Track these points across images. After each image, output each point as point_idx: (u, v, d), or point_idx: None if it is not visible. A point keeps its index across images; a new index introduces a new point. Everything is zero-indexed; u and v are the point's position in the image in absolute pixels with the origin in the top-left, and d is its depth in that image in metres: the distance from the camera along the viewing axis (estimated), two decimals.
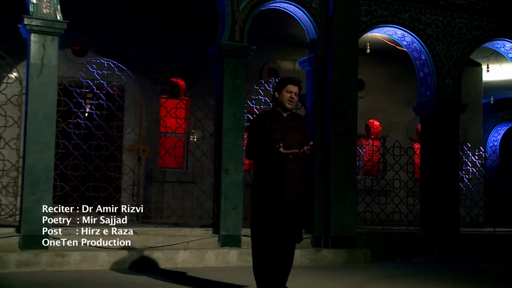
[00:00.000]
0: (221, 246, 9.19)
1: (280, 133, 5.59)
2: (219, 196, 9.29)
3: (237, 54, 9.48)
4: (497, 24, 11.51)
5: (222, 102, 9.39)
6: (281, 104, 5.69)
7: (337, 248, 9.55)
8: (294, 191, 5.57)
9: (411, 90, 14.93)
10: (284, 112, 5.72)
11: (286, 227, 5.53)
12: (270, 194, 5.53)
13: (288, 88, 5.66)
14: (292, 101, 5.69)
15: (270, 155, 5.53)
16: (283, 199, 5.51)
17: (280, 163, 5.51)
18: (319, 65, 9.93)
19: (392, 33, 11.11)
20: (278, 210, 5.51)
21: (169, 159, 10.08)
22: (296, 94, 5.69)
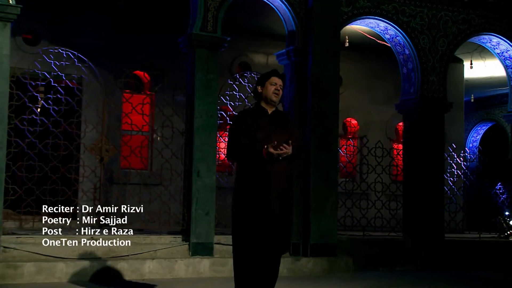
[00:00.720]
0: (191, 255, 8.67)
1: (265, 132, 5.13)
2: (190, 201, 8.78)
3: (210, 46, 8.96)
4: (484, 18, 11.23)
5: (193, 98, 8.86)
6: (266, 98, 5.22)
7: (317, 257, 9.11)
8: (280, 196, 5.11)
9: (390, 87, 14.65)
10: (269, 109, 5.25)
11: (272, 236, 5.05)
12: (254, 199, 5.06)
13: (272, 80, 5.22)
14: (278, 94, 5.22)
15: (254, 155, 5.06)
16: (269, 204, 5.04)
17: (265, 164, 5.05)
18: (298, 58, 9.47)
19: (375, 25, 10.71)
20: (263, 217, 5.03)
21: (133, 159, 9.51)
22: (281, 86, 5.24)
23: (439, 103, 10.72)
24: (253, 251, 5.06)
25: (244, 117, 5.23)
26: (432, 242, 10.45)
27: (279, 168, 5.08)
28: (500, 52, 11.75)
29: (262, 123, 5.16)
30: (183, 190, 8.99)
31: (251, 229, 5.05)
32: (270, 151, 4.96)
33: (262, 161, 5.03)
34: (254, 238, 5.04)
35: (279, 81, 5.22)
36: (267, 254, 5.08)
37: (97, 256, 8.19)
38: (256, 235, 5.03)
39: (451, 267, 10.37)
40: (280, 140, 5.12)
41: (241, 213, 5.14)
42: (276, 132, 5.15)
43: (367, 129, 14.44)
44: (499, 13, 11.32)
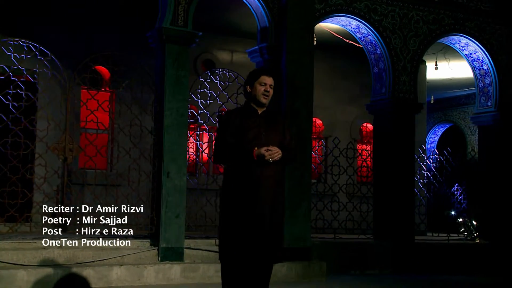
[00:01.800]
0: (161, 260, 8.36)
1: (254, 133, 4.90)
2: (159, 203, 8.47)
3: (181, 41, 8.67)
4: (454, 18, 11.28)
5: (163, 95, 8.55)
6: (255, 99, 4.98)
7: (291, 261, 8.91)
8: (271, 200, 4.89)
9: (355, 87, 14.63)
10: (259, 109, 5.02)
11: (262, 243, 4.82)
12: (243, 204, 4.82)
13: (262, 79, 4.95)
14: (268, 95, 4.98)
15: (244, 157, 4.83)
16: (259, 210, 4.81)
17: (255, 167, 4.82)
18: (272, 56, 9.27)
19: (347, 23, 10.61)
20: (252, 223, 4.80)
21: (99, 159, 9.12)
22: (271, 86, 5.00)
23: (410, 104, 10.70)
24: (242, 259, 4.83)
25: (233, 117, 4.98)
26: (402, 245, 10.42)
27: (269, 171, 4.87)
28: (468, 53, 11.83)
29: (252, 123, 4.93)
30: (152, 192, 8.67)
31: (240, 236, 4.80)
32: (261, 153, 4.74)
33: (252, 164, 4.81)
34: (243, 245, 4.80)
35: (269, 80, 4.98)
36: (257, 263, 4.85)
37: (60, 262, 7.80)
38: (245, 242, 4.79)
39: (422, 271, 10.37)
40: (272, 141, 4.91)
41: (229, 218, 4.89)
42: (267, 133, 4.93)
43: (332, 129, 14.35)
44: (468, 14, 11.40)
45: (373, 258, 10.19)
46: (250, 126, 4.89)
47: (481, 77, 11.88)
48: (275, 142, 4.90)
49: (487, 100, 11.83)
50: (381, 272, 10.11)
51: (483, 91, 11.89)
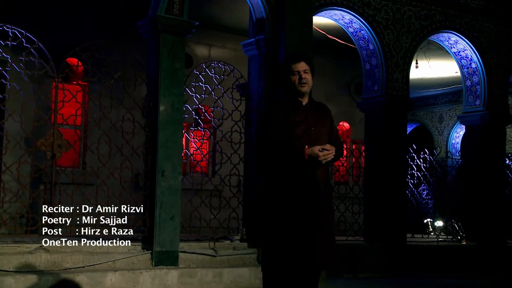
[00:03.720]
0: (154, 265, 8.00)
1: (302, 128, 4.57)
2: (153, 204, 8.09)
3: (177, 31, 8.32)
4: (445, 15, 11.28)
5: (158, 89, 8.19)
6: (295, 91, 4.64)
7: None
8: (325, 204, 4.61)
9: (332, 84, 14.53)
10: (303, 99, 4.69)
11: (319, 250, 4.55)
12: (296, 210, 4.49)
13: (292, 69, 4.56)
14: (305, 82, 4.57)
15: (294, 157, 4.50)
16: (315, 215, 4.52)
17: (307, 168, 4.50)
18: (269, 49, 9.00)
19: (340, 17, 10.46)
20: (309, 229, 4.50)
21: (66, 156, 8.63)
22: (306, 71, 4.57)
23: (403, 102, 10.63)
24: (295, 267, 4.53)
25: (277, 112, 4.64)
26: (394, 247, 10.33)
27: (321, 172, 4.57)
28: (457, 51, 11.86)
29: (298, 117, 4.59)
30: (144, 192, 8.28)
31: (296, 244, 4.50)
32: (315, 153, 4.43)
33: (303, 164, 4.50)
34: (299, 253, 4.50)
35: (300, 66, 4.55)
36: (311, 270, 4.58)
37: (49, 268, 7.38)
38: (302, 250, 4.50)
39: (414, 273, 10.31)
40: (321, 137, 4.62)
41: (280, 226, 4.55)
42: (315, 127, 4.61)
43: None
44: (459, 10, 11.42)
45: (366, 260, 10.08)
46: (297, 120, 4.55)
47: (469, 76, 11.92)
48: (324, 138, 4.59)
49: (475, 99, 11.89)
50: (374, 275, 10.00)
51: (471, 90, 11.94)
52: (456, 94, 19.34)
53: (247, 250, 8.79)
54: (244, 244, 8.83)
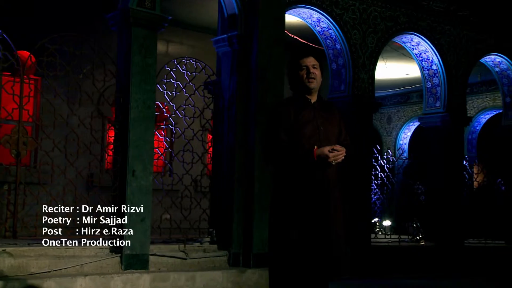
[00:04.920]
0: (124, 269, 7.67)
1: (311, 128, 4.38)
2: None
3: (149, 25, 8.01)
4: (408, 17, 11.31)
5: (128, 85, 7.85)
6: (303, 87, 4.45)
7: (261, 268, 8.48)
8: (335, 208, 4.43)
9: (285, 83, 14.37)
10: (311, 97, 4.51)
11: (329, 257, 4.36)
12: (307, 214, 4.30)
13: (300, 63, 4.40)
14: (314, 78, 4.41)
15: (301, 158, 4.31)
16: (327, 218, 4.34)
17: (316, 169, 4.32)
18: (242, 46, 8.77)
19: (308, 16, 10.32)
20: (320, 235, 4.32)
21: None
22: (314, 66, 4.42)
23: (369, 102, 10.60)
24: (305, 274, 4.34)
25: (285, 109, 4.43)
26: (359, 248, 10.27)
27: (332, 174, 4.40)
28: (418, 53, 11.93)
29: (307, 116, 4.40)
30: (113, 192, 7.92)
31: (305, 249, 4.30)
32: (325, 153, 4.25)
33: (312, 166, 4.31)
34: (309, 260, 4.31)
35: (309, 61, 4.40)
36: (322, 278, 4.40)
37: (14, 273, 6.94)
38: (311, 256, 4.30)
39: (378, 274, 10.29)
40: (330, 137, 4.44)
41: (289, 231, 4.35)
42: (324, 127, 4.43)
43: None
44: (422, 12, 11.48)
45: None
46: (305, 119, 4.36)
47: (429, 78, 12.01)
48: (333, 138, 4.42)
49: (435, 101, 11.98)
50: None
51: (431, 91, 12.03)
52: (405, 96, 19.61)
53: (217, 252, 8.57)
54: (214, 246, 8.60)
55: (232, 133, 8.63)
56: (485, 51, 12.66)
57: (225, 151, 8.72)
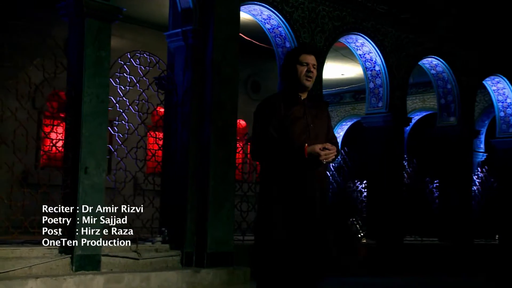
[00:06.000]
0: (75, 270, 7.26)
1: (301, 125, 4.21)
2: (75, 204, 7.32)
3: (103, 16, 7.62)
4: (354, 17, 11.31)
5: (81, 78, 7.44)
6: (297, 82, 4.27)
7: (214, 267, 8.25)
8: (322, 208, 4.27)
9: None
10: (302, 94, 4.34)
11: (316, 257, 4.21)
12: (295, 213, 4.13)
13: (303, 59, 4.23)
14: (311, 77, 4.28)
15: (291, 156, 4.14)
16: (313, 218, 4.19)
17: (306, 168, 4.15)
18: (197, 41, 8.49)
19: (258, 13, 10.13)
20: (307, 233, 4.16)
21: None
22: (314, 66, 4.29)
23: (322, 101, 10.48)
24: (290, 274, 4.16)
25: (275, 105, 4.23)
26: None
27: (321, 173, 4.25)
28: (362, 53, 11.95)
29: (297, 113, 4.23)
30: (64, 190, 7.48)
31: (294, 249, 4.13)
32: (316, 152, 4.08)
33: (302, 164, 4.14)
34: (296, 260, 4.13)
35: (311, 59, 4.27)
36: (308, 278, 4.23)
37: None
38: (300, 256, 4.13)
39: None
40: (319, 134, 4.29)
41: (276, 228, 4.16)
42: (314, 124, 4.27)
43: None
44: (366, 14, 11.50)
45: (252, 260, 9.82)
46: (295, 116, 4.19)
47: (372, 78, 12.06)
48: (322, 135, 4.27)
49: (378, 101, 12.05)
50: None
51: (373, 92, 12.09)
52: (338, 96, 19.77)
53: (169, 252, 8.26)
54: (166, 246, 8.29)
55: (186, 129, 8.34)
56: (424, 54, 12.84)
57: (178, 148, 8.42)
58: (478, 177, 15.17)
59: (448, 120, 13.70)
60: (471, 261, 13.17)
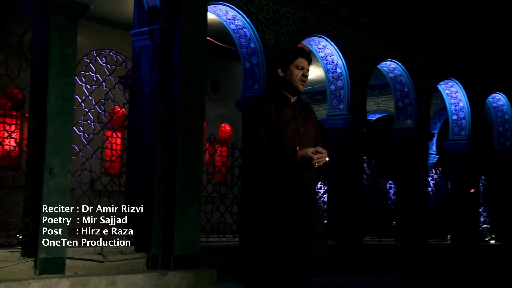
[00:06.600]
0: (39, 274, 6.98)
1: (291, 128, 4.16)
2: (39, 205, 7.04)
3: (70, 12, 7.36)
4: (317, 20, 11.28)
5: (46, 76, 7.16)
6: (290, 85, 4.22)
7: (181, 270, 8.06)
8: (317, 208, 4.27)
9: None
10: (292, 97, 4.28)
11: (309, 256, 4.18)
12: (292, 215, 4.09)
13: (299, 62, 4.19)
14: (305, 81, 4.25)
15: (283, 160, 4.08)
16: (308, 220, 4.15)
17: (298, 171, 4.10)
18: (164, 40, 8.28)
19: (224, 13, 9.99)
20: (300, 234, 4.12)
21: None
22: (308, 71, 4.27)
23: None
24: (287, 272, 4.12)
25: (268, 107, 4.15)
26: None
27: (313, 176, 4.22)
28: (324, 55, 11.93)
29: (288, 115, 4.17)
30: (27, 191, 7.18)
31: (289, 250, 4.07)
32: (308, 155, 4.01)
33: (293, 167, 4.07)
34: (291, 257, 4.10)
35: (307, 64, 4.25)
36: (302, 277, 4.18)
37: None
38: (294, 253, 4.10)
39: None
40: (308, 137, 4.25)
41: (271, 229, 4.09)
42: (303, 127, 4.22)
43: None
44: (329, 16, 11.49)
45: (242, 261, 9.70)
46: (286, 118, 4.15)
47: (333, 80, 12.05)
48: (311, 138, 4.26)
49: (339, 103, 12.04)
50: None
51: (335, 94, 12.08)
52: None
53: (135, 254, 8.04)
54: (132, 248, 8.05)
55: (153, 129, 8.13)
56: (383, 57, 12.91)
57: (145, 148, 8.20)
58: (433, 179, 15.35)
59: (405, 122, 13.82)
60: (426, 261, 13.33)
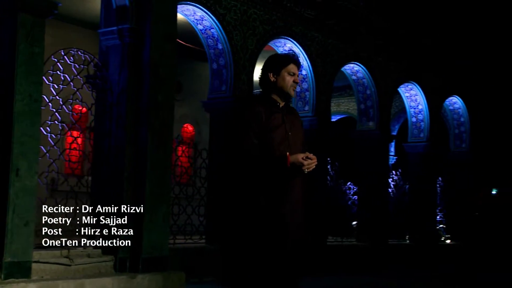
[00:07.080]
0: (4, 278, 6.73)
1: (280, 133, 4.10)
2: (5, 208, 6.80)
3: (37, 11, 7.11)
4: (284, 21, 11.24)
5: (12, 76, 6.91)
6: (280, 91, 4.16)
7: (150, 272, 7.90)
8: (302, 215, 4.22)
9: None
10: (281, 102, 4.21)
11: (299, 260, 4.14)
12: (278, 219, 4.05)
13: (291, 68, 4.15)
14: (295, 87, 4.23)
15: (274, 166, 4.01)
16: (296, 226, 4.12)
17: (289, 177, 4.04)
18: (133, 40, 8.11)
19: (191, 13, 9.86)
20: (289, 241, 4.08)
21: None
22: (298, 77, 4.24)
23: None
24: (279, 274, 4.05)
25: (257, 112, 4.07)
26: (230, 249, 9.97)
27: (302, 182, 4.18)
28: None
29: (276, 120, 4.11)
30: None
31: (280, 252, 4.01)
32: (299, 161, 3.95)
33: (285, 172, 3.99)
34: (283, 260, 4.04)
35: (296, 71, 4.21)
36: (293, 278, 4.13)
37: None
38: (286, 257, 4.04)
39: None
40: (296, 143, 4.20)
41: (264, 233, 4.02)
42: (292, 132, 4.16)
43: None
44: (295, 19, 11.46)
45: (210, 264, 9.59)
46: (275, 123, 4.09)
47: (299, 82, 11.99)
48: (299, 144, 4.20)
49: (304, 105, 12.03)
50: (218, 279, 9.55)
51: (300, 96, 12.06)
52: None
53: (102, 257, 7.85)
54: (99, 251, 7.86)
55: (121, 130, 7.95)
56: (347, 60, 12.95)
57: (113, 149, 8.01)
58: (393, 180, 15.49)
59: (367, 124, 13.90)
60: (386, 261, 13.43)
